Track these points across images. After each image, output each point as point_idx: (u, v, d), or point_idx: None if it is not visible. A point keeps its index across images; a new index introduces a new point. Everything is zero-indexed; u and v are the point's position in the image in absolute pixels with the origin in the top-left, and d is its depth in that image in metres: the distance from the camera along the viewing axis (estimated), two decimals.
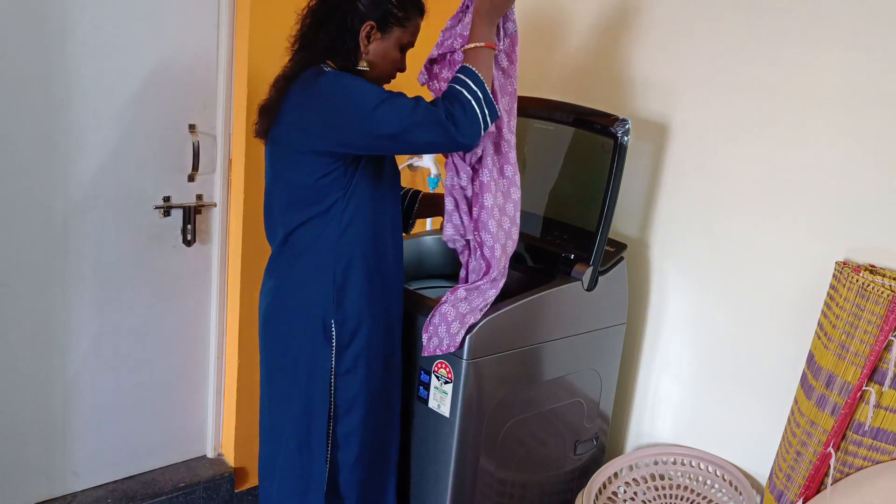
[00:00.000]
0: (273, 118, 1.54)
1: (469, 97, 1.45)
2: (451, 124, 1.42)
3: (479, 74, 1.47)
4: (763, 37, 1.81)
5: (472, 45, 1.51)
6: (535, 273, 1.92)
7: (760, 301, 1.86)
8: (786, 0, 1.76)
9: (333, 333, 1.57)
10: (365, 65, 1.55)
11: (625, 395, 2.18)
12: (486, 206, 1.60)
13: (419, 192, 1.94)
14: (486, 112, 1.46)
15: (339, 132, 1.47)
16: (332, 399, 1.60)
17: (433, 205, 1.93)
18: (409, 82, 1.69)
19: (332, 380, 1.59)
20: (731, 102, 1.88)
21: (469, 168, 1.61)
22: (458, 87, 1.46)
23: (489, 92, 1.47)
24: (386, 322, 1.65)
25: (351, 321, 1.58)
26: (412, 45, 1.62)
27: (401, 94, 1.46)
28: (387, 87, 1.55)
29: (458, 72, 1.48)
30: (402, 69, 1.63)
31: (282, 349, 1.64)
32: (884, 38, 1.61)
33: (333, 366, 1.58)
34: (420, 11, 1.59)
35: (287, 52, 1.61)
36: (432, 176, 2.43)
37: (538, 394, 1.84)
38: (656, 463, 2.03)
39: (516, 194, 1.65)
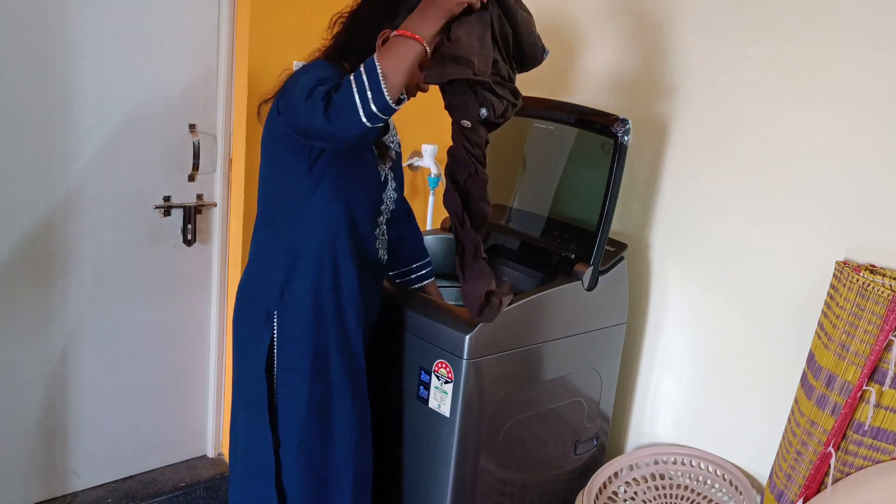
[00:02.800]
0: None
1: (352, 82, 1.28)
2: (323, 105, 1.29)
3: (375, 60, 1.28)
4: (764, 36, 1.81)
5: (392, 34, 1.34)
6: (536, 273, 1.93)
7: (760, 300, 1.87)
8: (786, 0, 1.76)
9: (275, 325, 1.55)
10: None
11: (625, 395, 2.18)
12: None
13: (430, 278, 1.91)
14: (367, 99, 1.27)
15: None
16: (276, 393, 1.57)
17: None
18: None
19: (275, 372, 1.56)
20: (731, 102, 1.88)
21: None
22: (351, 76, 1.30)
23: (377, 78, 1.27)
24: (340, 334, 1.58)
25: (295, 318, 1.54)
26: None
27: (326, 80, 1.35)
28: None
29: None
30: (424, 89, 1.54)
31: (238, 333, 1.64)
32: (884, 38, 1.61)
33: (276, 359, 1.55)
34: None
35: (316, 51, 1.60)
36: (432, 176, 2.43)
37: (538, 393, 1.84)
38: (656, 463, 2.03)
39: None
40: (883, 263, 1.64)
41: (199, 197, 2.19)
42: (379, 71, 1.27)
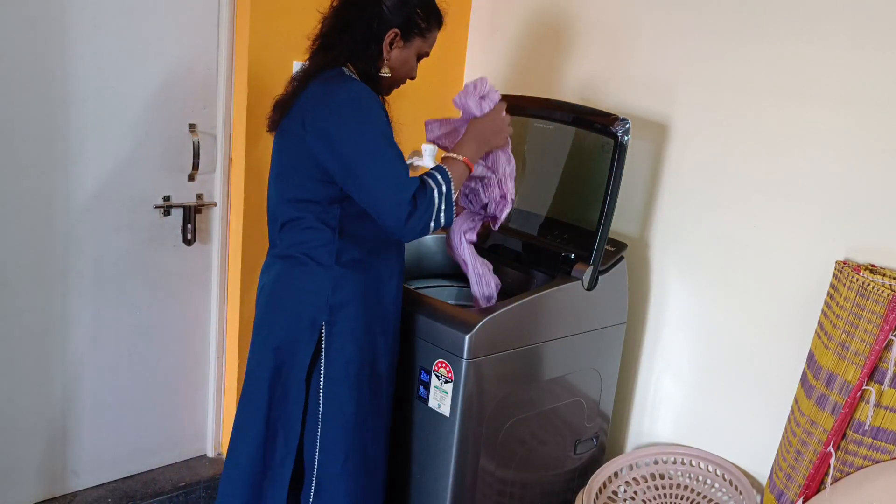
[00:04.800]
0: (286, 111, 1.55)
1: (434, 188, 1.49)
2: (409, 211, 1.45)
3: (450, 176, 1.53)
4: (763, 37, 1.81)
5: (453, 156, 1.59)
6: (536, 272, 1.93)
7: (760, 300, 1.87)
8: (787, 0, 1.76)
9: (323, 335, 1.57)
10: (387, 71, 1.58)
11: (625, 395, 2.18)
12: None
13: None
14: (443, 209, 1.50)
15: (342, 146, 1.47)
16: (320, 403, 1.60)
17: None
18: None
19: (321, 383, 1.59)
20: (730, 102, 1.88)
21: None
22: (430, 180, 1.50)
23: (452, 198, 1.52)
24: (385, 338, 1.65)
25: (343, 328, 1.57)
26: (427, 56, 1.65)
27: (401, 159, 1.48)
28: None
29: (434, 168, 1.54)
30: (414, 77, 1.67)
31: (265, 343, 1.62)
32: (884, 38, 1.61)
33: (323, 370, 1.58)
34: (440, 25, 1.63)
35: (306, 51, 1.61)
36: None
37: (538, 393, 1.84)
38: (656, 462, 2.03)
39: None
40: (883, 263, 1.64)
41: (199, 197, 2.19)
42: (453, 197, 1.52)
